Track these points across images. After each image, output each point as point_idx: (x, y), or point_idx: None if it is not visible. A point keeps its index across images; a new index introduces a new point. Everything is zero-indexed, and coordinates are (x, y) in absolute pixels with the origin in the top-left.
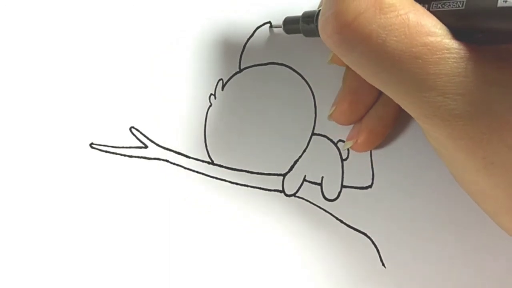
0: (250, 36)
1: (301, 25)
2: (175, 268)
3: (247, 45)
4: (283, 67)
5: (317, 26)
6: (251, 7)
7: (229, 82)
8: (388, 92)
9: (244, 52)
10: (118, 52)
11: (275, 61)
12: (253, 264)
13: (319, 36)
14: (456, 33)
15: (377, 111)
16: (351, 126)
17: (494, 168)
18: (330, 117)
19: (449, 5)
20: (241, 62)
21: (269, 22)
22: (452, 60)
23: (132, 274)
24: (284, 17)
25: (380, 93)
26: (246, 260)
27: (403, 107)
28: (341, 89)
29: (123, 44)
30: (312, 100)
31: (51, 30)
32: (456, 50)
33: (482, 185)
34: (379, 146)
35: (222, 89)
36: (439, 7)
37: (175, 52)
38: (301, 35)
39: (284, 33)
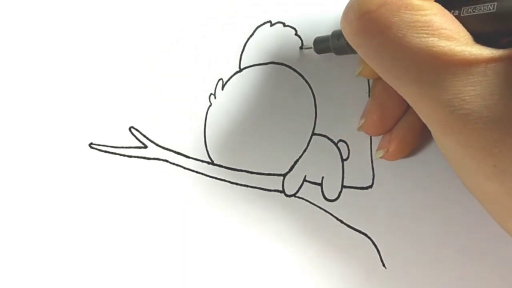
0: (250, 36)
1: (331, 42)
2: (175, 268)
3: (247, 45)
4: (283, 67)
5: (347, 42)
6: (251, 7)
7: (229, 82)
8: (403, 91)
9: (244, 52)
10: (118, 52)
11: (275, 61)
12: (253, 264)
13: (350, 53)
14: (484, 38)
15: (407, 121)
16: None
17: (505, 175)
18: (360, 128)
19: (480, 9)
20: (241, 62)
21: (269, 22)
22: (470, 63)
23: (132, 274)
24: (314, 37)
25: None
26: (246, 260)
27: (416, 111)
28: (370, 101)
29: (123, 44)
30: (312, 100)
31: (51, 30)
32: (475, 55)
33: (491, 192)
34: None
35: (222, 89)
36: (470, 12)
37: (175, 52)
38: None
39: (284, 34)
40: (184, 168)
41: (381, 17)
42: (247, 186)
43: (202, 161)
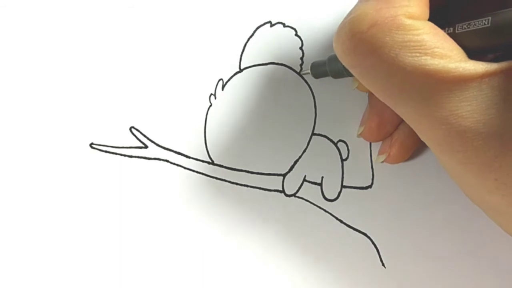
0: (250, 36)
1: (328, 66)
2: (175, 268)
3: (247, 45)
4: (283, 67)
5: (344, 67)
6: (251, 7)
7: (229, 82)
8: (398, 110)
9: (244, 52)
10: (118, 52)
11: (275, 62)
12: (253, 264)
13: (347, 75)
14: (479, 53)
15: (406, 125)
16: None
17: (507, 189)
18: (360, 136)
19: (475, 25)
20: (241, 62)
21: (269, 22)
22: (466, 79)
23: (132, 274)
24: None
25: None
26: (246, 260)
27: (414, 129)
28: (367, 108)
29: (123, 44)
30: (312, 100)
31: (52, 31)
32: (471, 70)
33: (494, 204)
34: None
35: (222, 89)
36: (465, 28)
37: (175, 52)
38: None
39: (284, 34)
40: (185, 168)
41: (373, 37)
42: (247, 186)
43: (202, 161)
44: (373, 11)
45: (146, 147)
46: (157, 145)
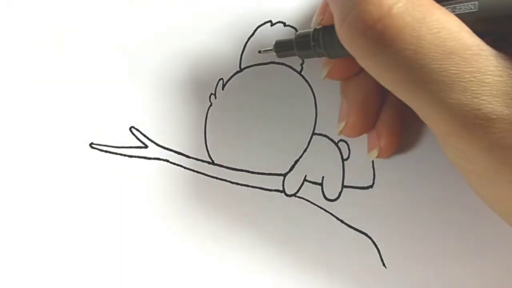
0: (250, 36)
1: (297, 51)
2: (175, 268)
3: (247, 45)
4: (283, 67)
5: (313, 45)
6: (251, 7)
7: (229, 82)
8: (416, 100)
9: (244, 52)
10: (118, 52)
11: (275, 61)
12: (253, 264)
13: (316, 56)
14: None
15: (388, 112)
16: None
17: None
18: (341, 133)
19: (460, 9)
20: (242, 61)
21: (270, 21)
22: (484, 57)
23: (132, 274)
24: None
25: (385, 96)
26: (246, 260)
27: (431, 122)
28: (343, 103)
29: (123, 44)
30: (313, 100)
31: (51, 31)
32: (486, 47)
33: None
34: None
35: (223, 88)
36: (450, 12)
37: (175, 52)
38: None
39: (284, 34)
40: (185, 168)
41: (394, 19)
42: (247, 186)
43: (202, 161)
44: None
45: (146, 147)
46: (157, 145)
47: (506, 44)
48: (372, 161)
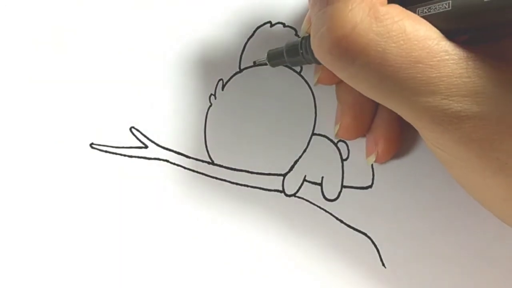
0: (250, 36)
1: (287, 59)
2: (175, 268)
3: (247, 45)
4: (283, 67)
5: (302, 53)
6: (251, 7)
7: (229, 82)
8: (390, 104)
9: (244, 52)
10: (118, 52)
11: None
12: (253, 264)
13: (306, 63)
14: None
15: (382, 117)
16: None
17: (509, 169)
18: (337, 135)
19: (435, 9)
20: (241, 62)
21: (269, 22)
22: (452, 61)
23: (132, 274)
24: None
25: None
26: (246, 260)
27: (408, 120)
28: (338, 106)
29: (124, 44)
30: (312, 100)
31: (52, 31)
32: (454, 51)
33: (495, 190)
34: None
35: (222, 89)
36: (425, 12)
37: (175, 52)
38: None
39: (284, 34)
40: (185, 168)
41: (358, 37)
42: (247, 186)
43: (202, 161)
44: (347, 13)
45: (146, 147)
46: (157, 145)
47: (481, 40)
48: None
